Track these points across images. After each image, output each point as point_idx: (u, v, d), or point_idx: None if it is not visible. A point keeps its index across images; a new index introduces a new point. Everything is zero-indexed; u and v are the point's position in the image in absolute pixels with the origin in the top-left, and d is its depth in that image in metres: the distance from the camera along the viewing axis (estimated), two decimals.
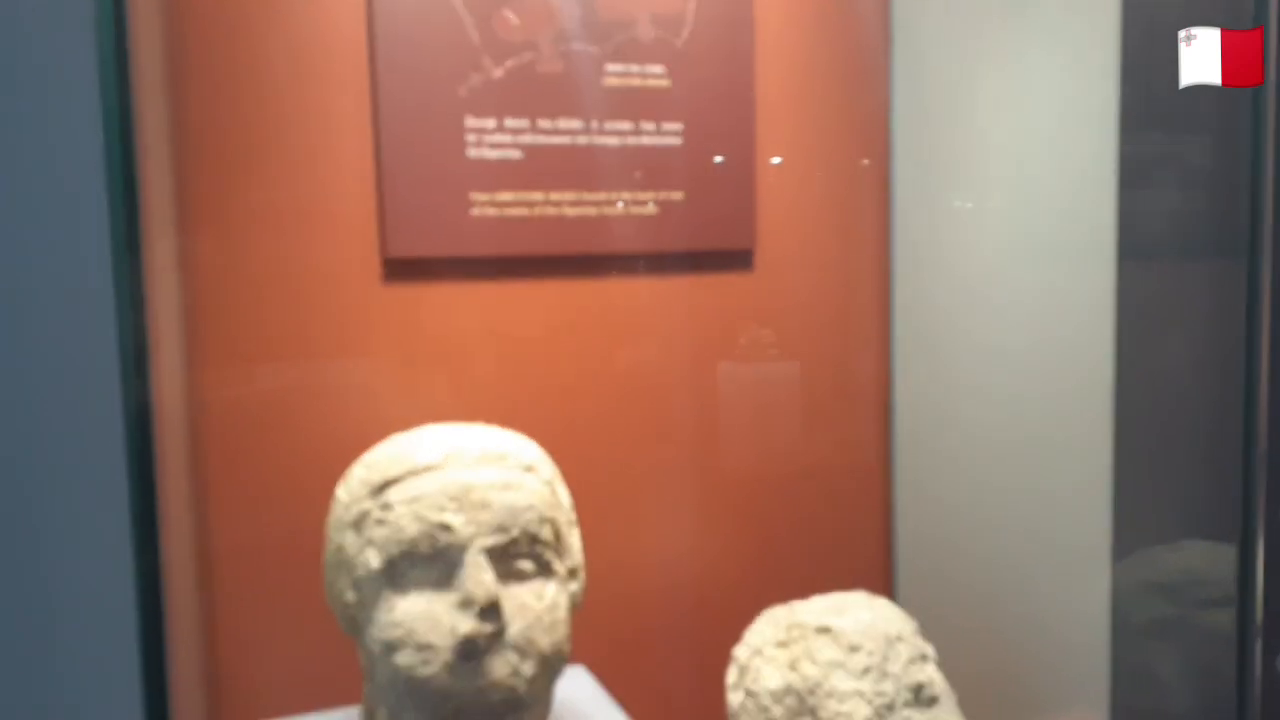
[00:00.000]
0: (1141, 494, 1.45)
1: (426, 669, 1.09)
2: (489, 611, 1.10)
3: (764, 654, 1.35)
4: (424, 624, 1.10)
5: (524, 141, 1.62)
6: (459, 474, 1.18)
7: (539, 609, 1.14)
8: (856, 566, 1.83)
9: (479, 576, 1.11)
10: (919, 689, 1.27)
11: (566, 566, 1.24)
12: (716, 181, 1.73)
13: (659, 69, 1.68)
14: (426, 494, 1.15)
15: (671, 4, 1.67)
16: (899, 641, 1.31)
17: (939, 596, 1.77)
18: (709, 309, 1.73)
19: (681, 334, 1.72)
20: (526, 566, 1.16)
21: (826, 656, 1.29)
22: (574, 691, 1.47)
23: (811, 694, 1.27)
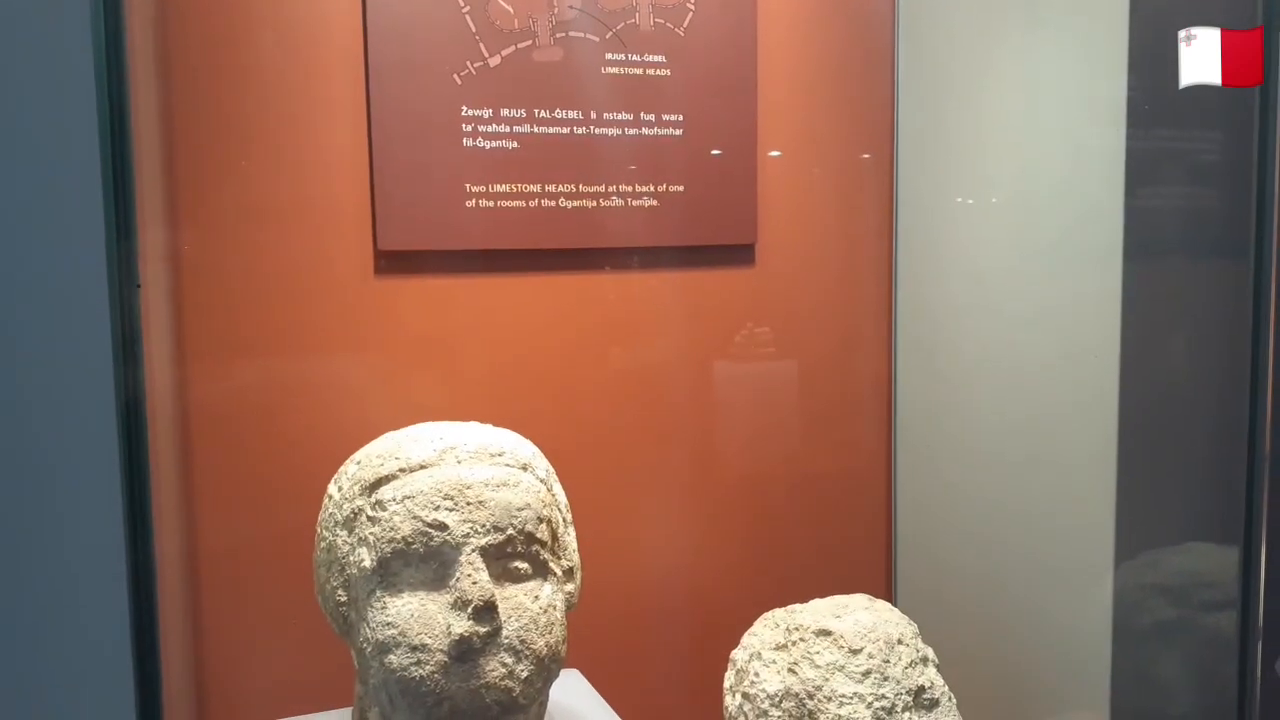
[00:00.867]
0: (1146, 496, 1.43)
1: (420, 670, 1.06)
2: (484, 612, 1.07)
3: (762, 657, 1.33)
4: (418, 624, 1.07)
5: (521, 132, 1.59)
6: (454, 471, 1.15)
7: (534, 610, 1.12)
8: (857, 568, 1.81)
9: (474, 576, 1.08)
10: (919, 692, 1.25)
11: (563, 566, 1.21)
12: (717, 174, 1.70)
13: (659, 58, 1.65)
14: (420, 492, 1.13)
15: None
16: (900, 644, 1.28)
17: (940, 599, 1.75)
18: (709, 304, 1.70)
19: (681, 330, 1.69)
20: (522, 566, 1.14)
21: (826, 659, 1.27)
22: (568, 695, 1.45)
23: (811, 697, 1.25)
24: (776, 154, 1.73)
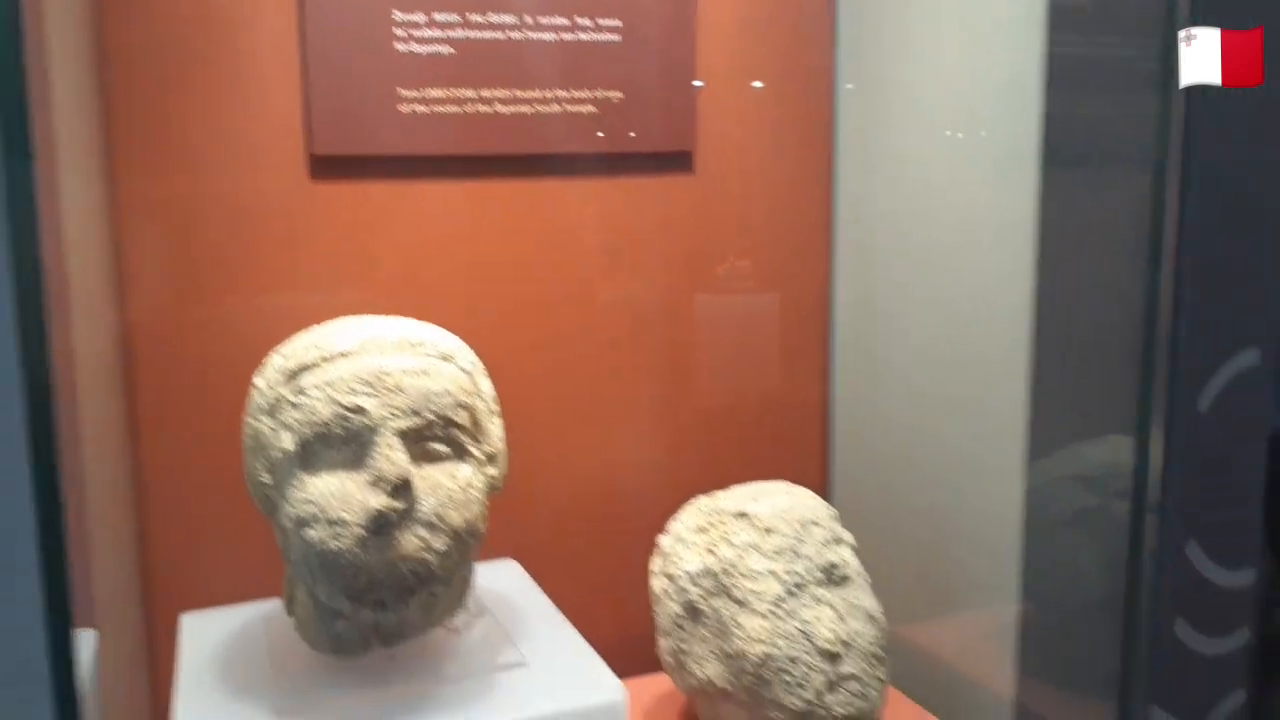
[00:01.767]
0: (1063, 391, 1.47)
1: (338, 543, 1.11)
2: (400, 488, 1.11)
3: (684, 539, 1.38)
4: (336, 500, 1.12)
5: (455, 36, 1.59)
6: (374, 360, 1.19)
7: (451, 487, 1.16)
8: (793, 463, 1.85)
9: (390, 455, 1.13)
10: (830, 569, 1.30)
11: (484, 451, 1.25)
12: (655, 81, 1.71)
13: None
14: (340, 379, 1.16)
15: None
16: (814, 525, 1.34)
17: (872, 489, 1.80)
18: (646, 211, 1.72)
19: (617, 236, 1.72)
20: (440, 449, 1.18)
21: (742, 539, 1.32)
22: (504, 584, 1.51)
23: (726, 574, 1.31)
24: (714, 63, 1.73)
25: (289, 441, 1.16)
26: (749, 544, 1.31)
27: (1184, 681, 1.36)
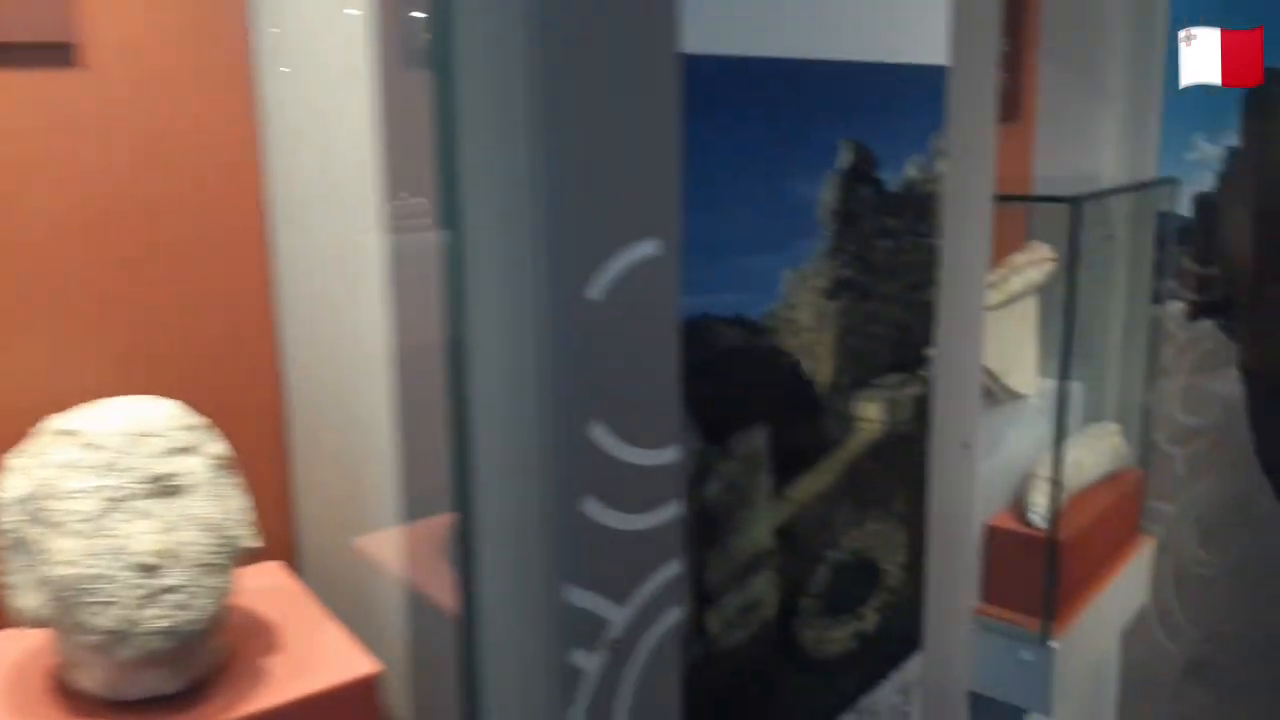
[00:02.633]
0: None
1: None
2: None
3: (10, 464, 1.28)
4: None
5: None
6: None
7: None
8: (240, 374, 1.76)
9: None
10: (158, 480, 1.25)
11: None
12: None
13: None
14: None
15: None
16: (150, 437, 1.27)
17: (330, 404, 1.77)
18: (9, 116, 1.53)
19: None
20: None
21: (61, 458, 1.24)
22: None
23: (43, 496, 1.22)
24: None
25: None
26: (68, 462, 1.23)
27: (605, 559, 1.35)
